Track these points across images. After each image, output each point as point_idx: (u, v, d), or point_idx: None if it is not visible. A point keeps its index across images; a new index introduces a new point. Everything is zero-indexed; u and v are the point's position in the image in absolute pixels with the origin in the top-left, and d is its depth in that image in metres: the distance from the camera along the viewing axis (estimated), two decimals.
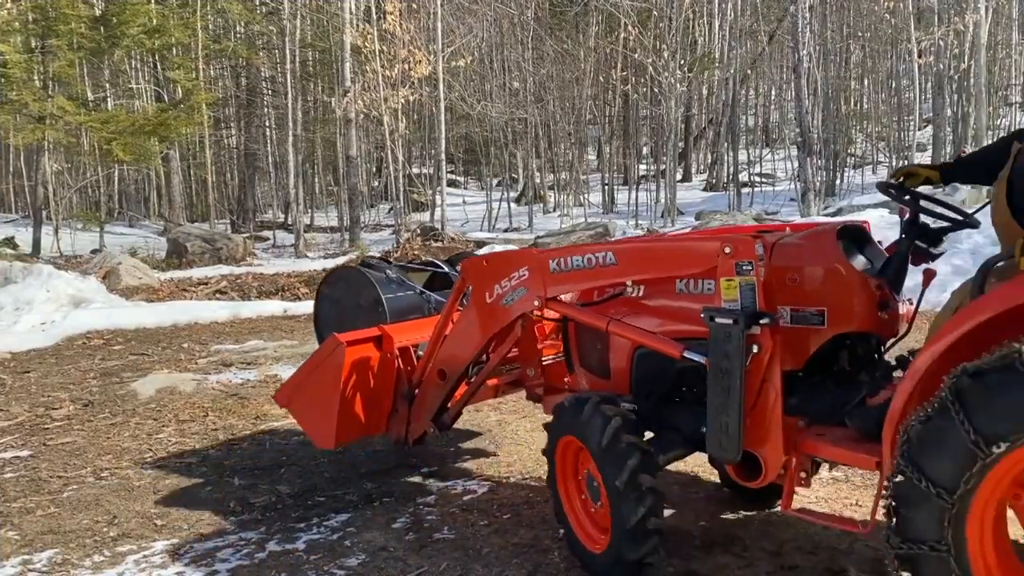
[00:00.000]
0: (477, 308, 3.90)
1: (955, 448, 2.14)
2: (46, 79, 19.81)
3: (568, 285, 3.57)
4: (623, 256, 3.35)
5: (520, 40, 24.49)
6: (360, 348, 4.09)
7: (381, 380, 4.20)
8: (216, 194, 25.70)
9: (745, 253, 2.88)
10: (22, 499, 4.57)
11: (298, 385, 4.37)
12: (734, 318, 2.87)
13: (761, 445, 2.98)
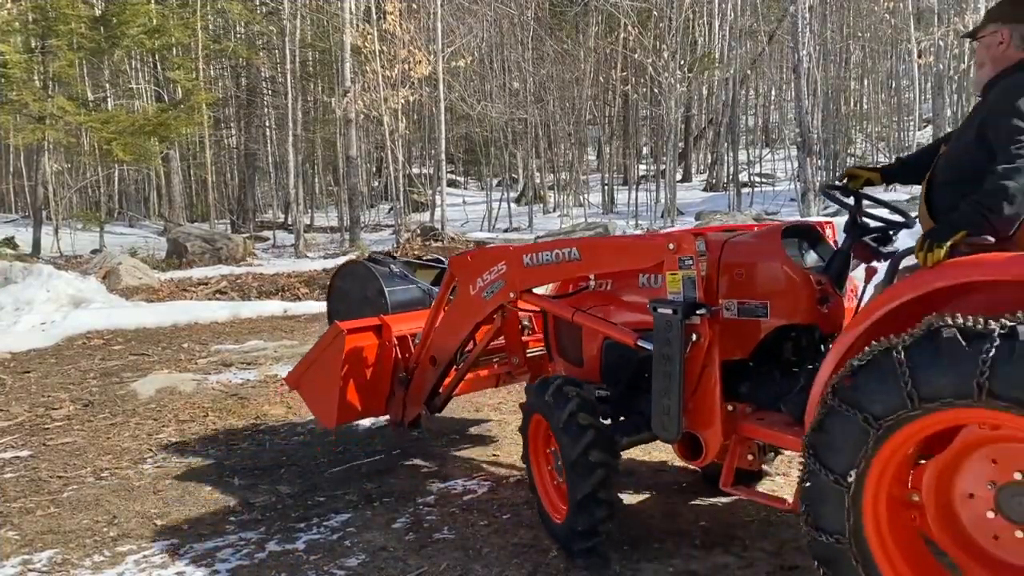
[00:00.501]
0: (462, 300, 4.22)
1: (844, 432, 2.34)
2: (46, 79, 19.82)
3: (539, 279, 3.90)
4: (585, 252, 3.64)
5: (520, 40, 24.49)
6: (360, 336, 4.40)
7: (379, 366, 4.49)
8: (216, 194, 25.71)
9: (687, 249, 3.14)
10: (22, 499, 4.57)
11: (305, 368, 4.67)
12: (674, 308, 3.12)
13: (702, 427, 3.20)
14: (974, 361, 2.12)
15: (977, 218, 2.57)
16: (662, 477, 4.48)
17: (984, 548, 2.35)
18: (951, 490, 2.41)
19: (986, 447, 2.32)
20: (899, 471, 2.41)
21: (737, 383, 3.22)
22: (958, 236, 2.54)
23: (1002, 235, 2.56)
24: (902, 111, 27.49)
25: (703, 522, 3.82)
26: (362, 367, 4.43)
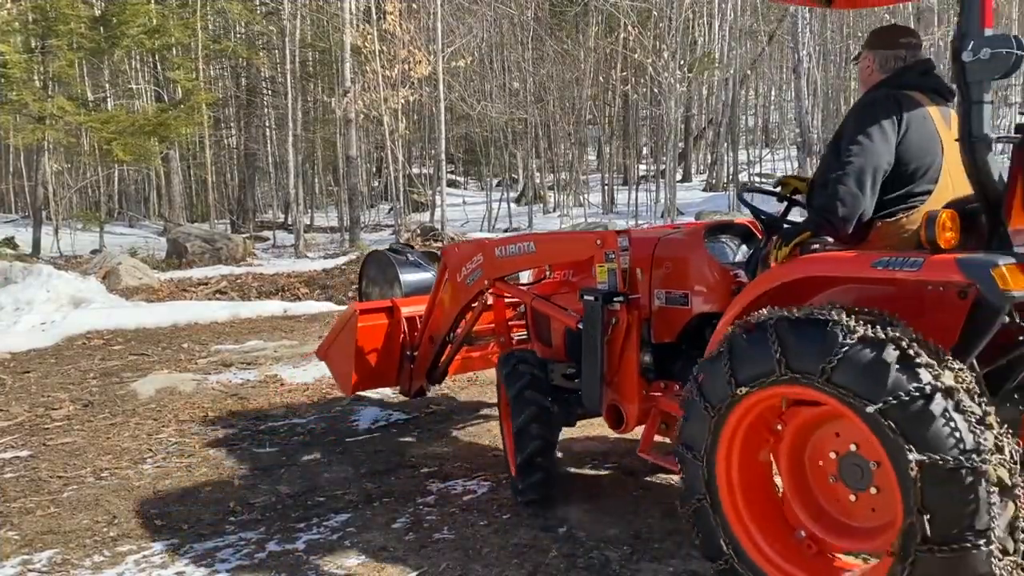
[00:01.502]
0: (451, 286, 4.79)
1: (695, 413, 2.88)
2: (46, 79, 19.82)
3: (507, 269, 4.43)
4: (538, 246, 4.23)
5: (520, 40, 24.48)
6: (372, 316, 5.02)
7: (389, 342, 5.07)
8: (216, 194, 25.71)
9: (610, 245, 3.63)
10: (22, 499, 4.58)
11: (329, 342, 5.35)
12: (596, 296, 3.62)
13: (623, 400, 3.71)
14: (777, 346, 2.58)
15: (818, 220, 2.95)
16: (662, 477, 4.48)
17: (827, 510, 2.81)
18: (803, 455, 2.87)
19: (834, 421, 2.69)
20: (745, 443, 2.87)
21: (668, 363, 3.69)
22: (802, 237, 2.96)
23: (841, 235, 2.91)
24: None
25: None
26: (374, 343, 4.99)
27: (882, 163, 2.86)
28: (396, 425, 5.83)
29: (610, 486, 4.35)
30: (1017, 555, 2.38)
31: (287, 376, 7.38)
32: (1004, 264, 2.41)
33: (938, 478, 2.31)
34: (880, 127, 2.87)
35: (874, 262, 2.67)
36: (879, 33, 3.27)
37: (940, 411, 2.34)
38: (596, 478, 4.52)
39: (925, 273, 2.56)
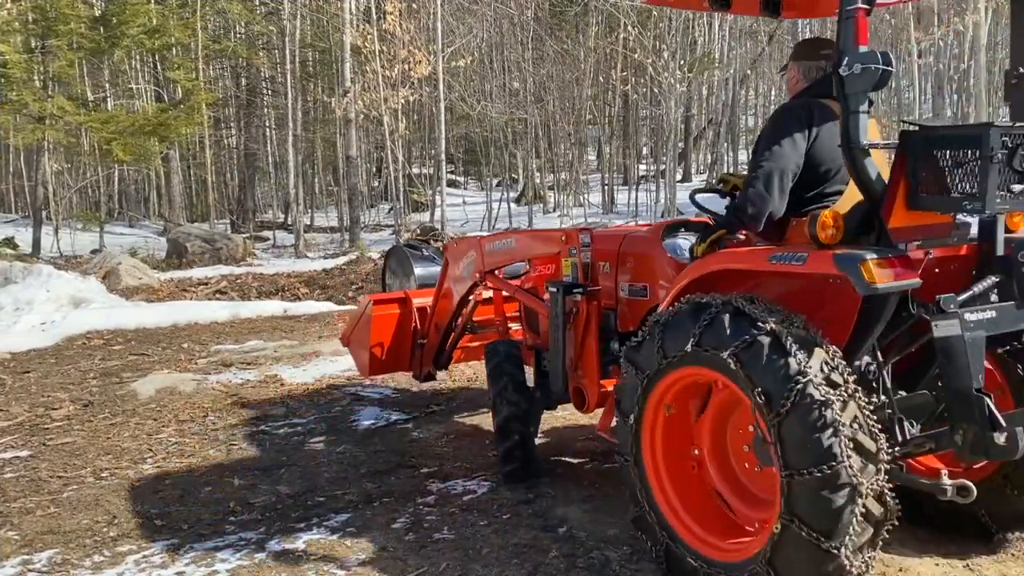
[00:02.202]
0: (451, 277, 5.21)
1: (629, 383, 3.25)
2: (46, 79, 19.82)
3: (495, 262, 4.82)
4: (518, 242, 4.73)
5: (520, 40, 24.47)
6: (385, 306, 5.45)
7: (402, 330, 5.47)
8: (216, 194, 25.70)
9: (573, 241, 4.08)
10: (22, 499, 4.58)
11: (350, 330, 5.76)
12: (558, 287, 4.05)
13: (584, 383, 4.11)
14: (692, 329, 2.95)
15: (731, 219, 3.32)
16: None
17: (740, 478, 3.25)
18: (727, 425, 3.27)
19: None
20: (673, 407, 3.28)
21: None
22: (717, 234, 3.33)
23: (752, 232, 3.30)
24: (902, 111, 27.50)
25: None
26: (387, 331, 5.42)
27: (789, 168, 3.15)
28: (396, 425, 5.83)
29: (610, 486, 4.35)
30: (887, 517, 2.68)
31: (287, 376, 7.38)
32: (871, 259, 2.68)
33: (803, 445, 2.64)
34: (791, 135, 3.16)
35: (770, 256, 3.00)
36: (803, 45, 3.57)
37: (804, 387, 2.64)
38: (596, 478, 4.51)
39: (808, 267, 2.86)
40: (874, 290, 2.67)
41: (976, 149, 2.71)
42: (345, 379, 7.24)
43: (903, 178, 2.86)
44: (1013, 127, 2.80)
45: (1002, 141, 2.71)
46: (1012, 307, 2.94)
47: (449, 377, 7.24)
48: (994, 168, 2.67)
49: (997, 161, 2.67)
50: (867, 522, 2.67)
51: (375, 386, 6.97)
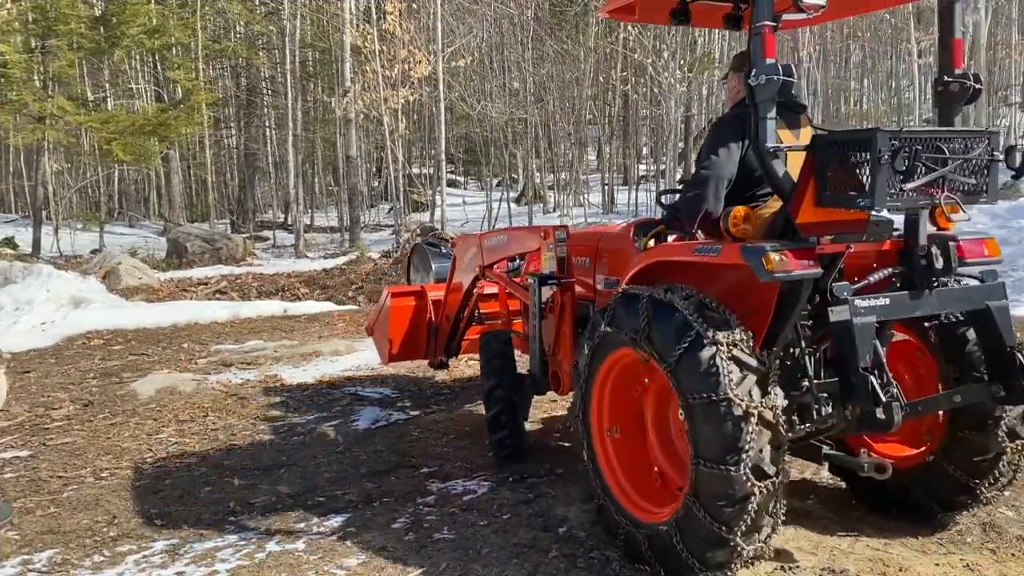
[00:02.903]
0: (458, 271, 5.60)
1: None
2: (46, 79, 19.80)
3: (492, 257, 5.15)
4: (508, 239, 5.07)
5: (520, 40, 24.45)
6: (402, 299, 5.87)
7: (417, 321, 5.83)
8: (216, 194, 25.70)
9: (550, 237, 4.40)
10: (22, 499, 4.57)
11: (374, 319, 6.20)
12: (535, 279, 4.46)
13: (560, 366, 4.45)
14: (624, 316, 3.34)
15: (670, 217, 3.76)
16: None
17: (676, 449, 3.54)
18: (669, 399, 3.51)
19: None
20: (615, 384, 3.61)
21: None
22: (656, 230, 3.78)
23: (687, 230, 3.62)
24: (902, 111, 27.48)
25: None
26: (404, 321, 5.80)
27: (724, 175, 3.49)
28: (396, 425, 5.83)
29: None
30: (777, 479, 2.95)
31: (287, 376, 7.38)
32: (772, 251, 2.99)
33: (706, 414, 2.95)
34: (726, 146, 3.49)
35: (694, 249, 3.38)
36: (741, 57, 3.76)
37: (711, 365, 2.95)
38: None
39: (720, 257, 3.20)
40: (773, 278, 2.97)
41: (867, 151, 2.92)
42: (345, 379, 7.24)
43: (812, 178, 3.12)
44: (900, 131, 2.96)
45: (890, 144, 2.90)
46: (906, 296, 3.21)
47: (449, 377, 7.24)
48: (882, 168, 2.88)
49: (884, 162, 2.88)
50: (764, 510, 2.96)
51: (375, 386, 6.97)
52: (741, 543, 2.97)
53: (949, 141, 3.07)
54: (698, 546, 3.05)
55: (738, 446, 2.89)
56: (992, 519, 3.74)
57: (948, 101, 3.41)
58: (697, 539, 3.04)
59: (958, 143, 3.09)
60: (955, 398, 3.32)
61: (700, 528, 3.01)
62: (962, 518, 3.74)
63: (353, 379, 7.25)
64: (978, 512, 3.81)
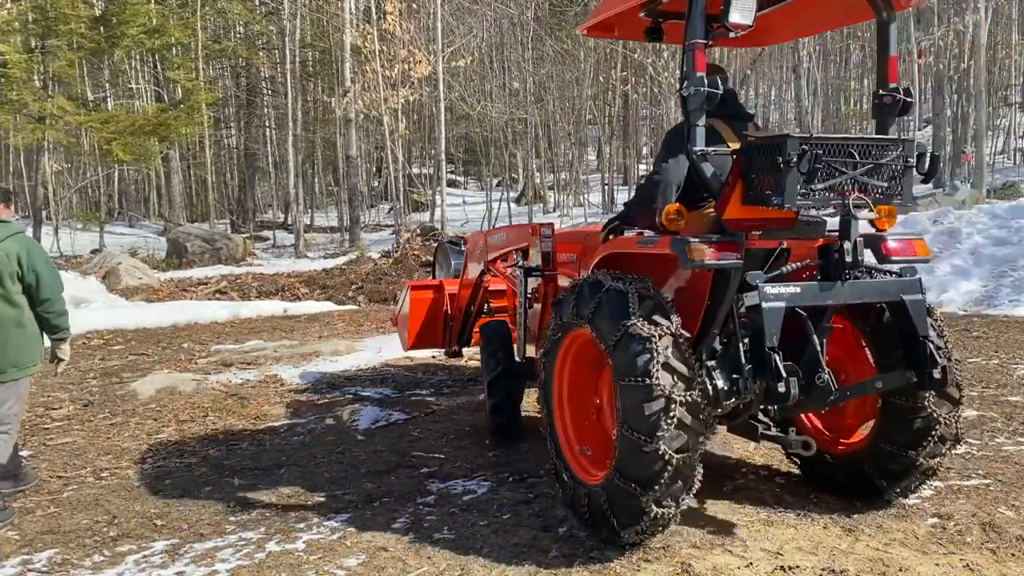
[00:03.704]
0: (468, 266, 6.09)
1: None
2: (46, 79, 19.81)
3: (495, 252, 5.57)
4: (506, 235, 5.49)
5: (520, 40, 24.46)
6: (421, 292, 6.36)
7: (435, 313, 6.33)
8: (216, 194, 25.70)
9: (537, 234, 4.79)
10: (22, 499, 4.57)
11: (397, 311, 6.80)
12: (521, 270, 4.85)
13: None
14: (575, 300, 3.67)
15: (625, 214, 4.06)
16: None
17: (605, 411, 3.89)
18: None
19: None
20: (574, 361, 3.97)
21: None
22: (613, 225, 4.12)
23: (640, 225, 3.91)
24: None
25: (703, 522, 3.82)
26: (423, 312, 6.30)
27: (673, 179, 3.73)
28: (396, 425, 5.83)
29: None
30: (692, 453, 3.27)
31: (287, 376, 7.38)
32: (694, 242, 3.30)
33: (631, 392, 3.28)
34: (676, 153, 3.69)
35: (638, 241, 3.73)
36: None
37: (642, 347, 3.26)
38: None
39: (655, 248, 3.53)
40: (693, 265, 3.31)
41: (779, 155, 3.19)
42: (345, 379, 7.24)
43: (739, 179, 3.41)
44: (809, 137, 3.22)
45: (799, 148, 3.17)
46: (816, 286, 3.46)
47: (450, 377, 7.24)
48: (791, 170, 3.17)
49: (793, 164, 3.16)
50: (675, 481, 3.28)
51: (375, 386, 6.98)
52: (654, 507, 3.29)
53: (862, 147, 3.34)
54: (620, 508, 3.39)
55: (657, 417, 3.19)
56: (992, 519, 3.74)
57: (883, 112, 3.69)
58: (619, 501, 3.39)
59: (871, 149, 3.35)
60: (877, 384, 3.59)
61: (621, 492, 3.35)
62: (962, 518, 3.75)
63: (353, 379, 7.25)
64: (978, 512, 3.81)
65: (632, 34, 4.60)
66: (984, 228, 10.93)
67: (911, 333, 3.54)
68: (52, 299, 4.45)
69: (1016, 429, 5.10)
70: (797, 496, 4.11)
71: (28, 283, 4.37)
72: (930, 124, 25.54)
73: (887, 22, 3.66)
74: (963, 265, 10.15)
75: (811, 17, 4.31)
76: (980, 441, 4.90)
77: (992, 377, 6.34)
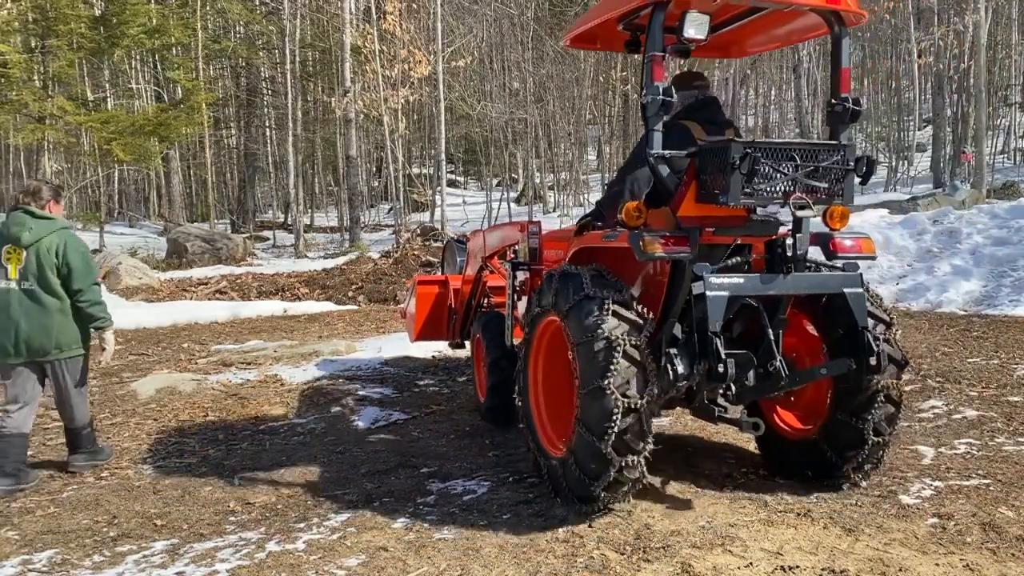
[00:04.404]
0: (470, 264, 6.45)
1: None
2: (46, 79, 19.81)
3: (491, 249, 5.96)
4: (501, 232, 5.86)
5: (520, 40, 24.46)
6: (427, 287, 6.69)
7: (439, 306, 6.65)
8: (216, 194, 25.70)
9: (523, 231, 5.14)
10: (22, 499, 4.57)
11: (405, 304, 7.15)
12: (509, 265, 5.17)
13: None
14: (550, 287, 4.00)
15: (596, 211, 4.49)
16: (660, 476, 4.48)
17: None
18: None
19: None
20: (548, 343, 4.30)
21: None
22: (583, 221, 4.55)
23: (609, 222, 4.18)
24: (902, 111, 27.48)
25: (703, 522, 3.82)
26: (428, 306, 6.62)
27: (642, 180, 4.04)
28: (396, 425, 5.83)
29: None
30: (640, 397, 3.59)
31: (287, 376, 7.38)
32: (647, 236, 3.62)
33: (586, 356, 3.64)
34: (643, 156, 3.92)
35: (603, 236, 4.08)
36: (680, 77, 4.44)
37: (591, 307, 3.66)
38: None
39: (615, 242, 3.85)
40: (646, 257, 3.62)
41: (725, 158, 3.52)
42: (345, 379, 7.24)
43: (693, 179, 3.75)
44: (752, 142, 3.55)
45: (743, 152, 3.49)
46: (757, 277, 3.75)
47: (450, 377, 7.24)
48: (735, 172, 3.50)
49: (736, 167, 3.49)
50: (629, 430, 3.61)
51: (375, 386, 6.98)
52: (614, 453, 3.62)
53: (803, 151, 3.65)
54: (586, 463, 3.72)
55: (608, 374, 3.56)
56: (992, 519, 3.75)
57: (835, 120, 4.00)
58: (585, 456, 3.71)
59: (812, 153, 3.66)
60: (822, 371, 3.91)
61: (586, 445, 3.68)
62: (962, 518, 3.75)
63: (353, 379, 7.26)
64: (978, 512, 3.81)
65: (613, 46, 4.85)
66: (984, 228, 10.92)
67: (852, 323, 3.83)
68: (83, 290, 4.79)
69: (1016, 429, 5.10)
70: (797, 496, 4.12)
71: (63, 275, 4.75)
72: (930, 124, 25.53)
73: (839, 37, 3.96)
74: (963, 265, 10.14)
75: (774, 33, 4.63)
76: (980, 441, 4.90)
77: (992, 377, 6.34)
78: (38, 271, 4.70)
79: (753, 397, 4.16)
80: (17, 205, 4.85)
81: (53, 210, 4.89)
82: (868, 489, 4.18)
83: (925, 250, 10.86)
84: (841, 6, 3.87)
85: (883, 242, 11.16)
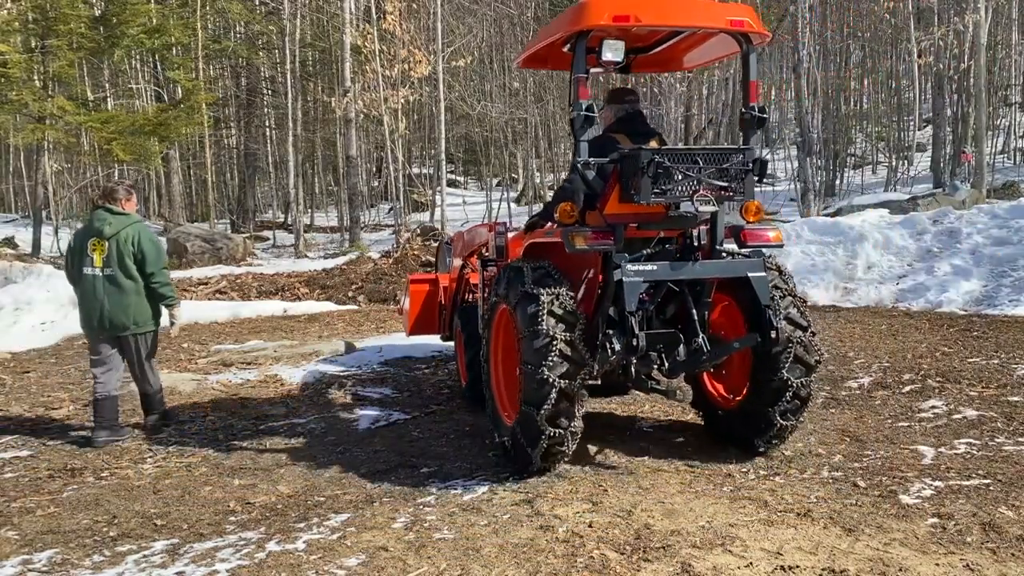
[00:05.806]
0: (453, 261, 6.80)
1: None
2: (46, 79, 19.78)
3: (469, 249, 6.44)
4: (476, 232, 6.36)
5: (520, 40, 24.46)
6: (419, 285, 7.16)
7: (431, 303, 7.08)
8: (216, 194, 25.69)
9: (494, 230, 5.49)
10: (22, 499, 4.57)
11: (401, 301, 7.67)
12: (480, 261, 5.70)
13: None
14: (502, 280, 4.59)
15: (544, 212, 4.99)
16: (661, 476, 4.48)
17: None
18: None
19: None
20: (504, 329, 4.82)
21: None
22: (532, 221, 5.03)
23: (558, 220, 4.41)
24: (902, 111, 27.47)
25: (703, 522, 3.82)
26: (421, 303, 7.07)
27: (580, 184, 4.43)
28: (396, 425, 5.83)
29: (610, 486, 4.35)
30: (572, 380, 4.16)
31: (287, 376, 7.38)
32: (575, 232, 4.20)
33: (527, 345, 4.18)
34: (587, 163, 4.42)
35: (545, 233, 4.71)
36: (613, 93, 5.06)
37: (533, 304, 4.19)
38: (596, 478, 4.51)
39: (553, 238, 4.44)
40: (575, 250, 4.16)
41: (637, 163, 4.10)
42: (345, 379, 7.24)
43: (617, 182, 4.30)
44: (660, 150, 4.19)
45: (650, 158, 4.09)
46: (668, 265, 4.32)
47: (449, 377, 7.24)
48: (645, 176, 4.10)
49: (645, 171, 4.09)
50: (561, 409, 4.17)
51: (375, 386, 6.98)
52: (548, 426, 4.17)
53: (706, 155, 4.22)
54: (526, 432, 4.26)
55: (545, 362, 4.08)
56: (992, 519, 3.75)
57: (746, 127, 4.53)
58: (526, 427, 4.25)
59: (715, 157, 4.23)
60: (735, 345, 4.49)
61: (526, 418, 4.22)
62: (962, 518, 3.75)
63: (353, 379, 7.26)
64: (978, 512, 3.81)
65: (561, 65, 5.29)
66: (984, 228, 10.91)
67: (755, 303, 4.38)
68: (155, 272, 5.63)
69: (1016, 429, 5.10)
70: (797, 496, 4.12)
71: (138, 260, 5.55)
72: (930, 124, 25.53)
73: (747, 54, 4.49)
74: (963, 265, 10.14)
75: (703, 50, 5.17)
76: (980, 441, 4.90)
77: (992, 377, 6.34)
78: (118, 259, 5.50)
79: (683, 370, 4.61)
80: (97, 205, 5.69)
81: (127, 207, 5.67)
82: (868, 489, 4.18)
83: (925, 250, 10.86)
84: (745, 28, 4.36)
85: (883, 242, 11.16)
